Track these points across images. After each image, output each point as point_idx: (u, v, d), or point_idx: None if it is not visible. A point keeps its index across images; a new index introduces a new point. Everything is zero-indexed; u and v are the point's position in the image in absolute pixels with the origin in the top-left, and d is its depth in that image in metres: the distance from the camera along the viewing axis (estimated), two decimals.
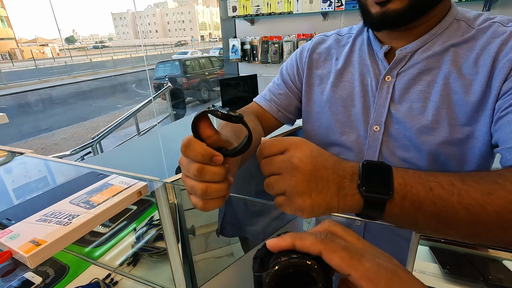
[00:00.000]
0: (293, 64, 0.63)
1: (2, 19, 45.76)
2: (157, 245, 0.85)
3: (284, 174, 0.32)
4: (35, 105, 9.77)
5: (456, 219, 0.32)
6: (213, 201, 0.33)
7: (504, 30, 0.43)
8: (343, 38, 0.59)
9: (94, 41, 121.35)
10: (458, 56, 0.45)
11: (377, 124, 0.51)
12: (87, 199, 0.49)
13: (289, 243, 0.24)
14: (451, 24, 0.47)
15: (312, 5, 2.09)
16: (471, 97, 0.44)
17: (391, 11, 0.44)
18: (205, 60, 9.29)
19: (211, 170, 0.31)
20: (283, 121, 0.65)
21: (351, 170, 0.33)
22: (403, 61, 0.49)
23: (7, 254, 0.38)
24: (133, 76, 15.18)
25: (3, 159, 0.81)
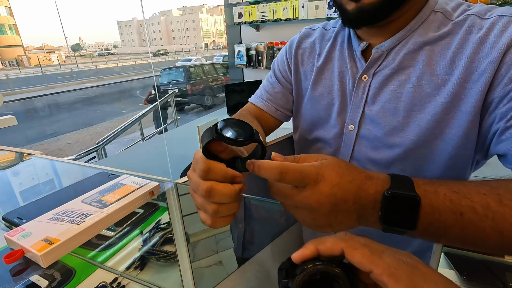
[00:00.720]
0: (283, 60, 0.62)
1: (10, 27, 46.69)
2: (165, 249, 0.84)
3: (302, 210, 0.31)
4: (41, 110, 9.88)
5: (487, 242, 0.30)
6: (224, 219, 0.32)
7: (481, 25, 0.40)
8: (327, 33, 0.57)
9: (99, 48, 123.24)
10: (433, 54, 0.43)
11: (352, 123, 0.50)
12: (99, 199, 0.48)
13: (312, 250, 0.24)
14: (428, 17, 0.44)
15: (317, 11, 2.10)
16: (441, 98, 0.41)
17: (367, 5, 0.41)
18: (208, 66, 9.38)
19: (222, 191, 0.30)
20: (282, 120, 0.64)
21: (374, 198, 0.30)
22: (379, 60, 0.47)
23: (19, 252, 0.37)
24: (139, 82, 15.34)
25: (13, 161, 0.81)
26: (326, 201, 0.30)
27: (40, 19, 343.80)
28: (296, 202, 0.30)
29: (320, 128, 0.56)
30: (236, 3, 2.41)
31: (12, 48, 46.73)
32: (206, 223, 0.33)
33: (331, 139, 0.54)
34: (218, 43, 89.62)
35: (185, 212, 0.65)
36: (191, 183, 0.33)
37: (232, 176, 0.30)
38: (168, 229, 0.90)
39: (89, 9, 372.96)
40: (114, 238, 0.89)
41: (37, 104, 10.76)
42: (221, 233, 0.88)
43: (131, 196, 0.49)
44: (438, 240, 0.32)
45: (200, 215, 0.33)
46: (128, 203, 0.47)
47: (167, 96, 3.87)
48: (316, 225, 0.31)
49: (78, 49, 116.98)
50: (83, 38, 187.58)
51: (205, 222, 0.33)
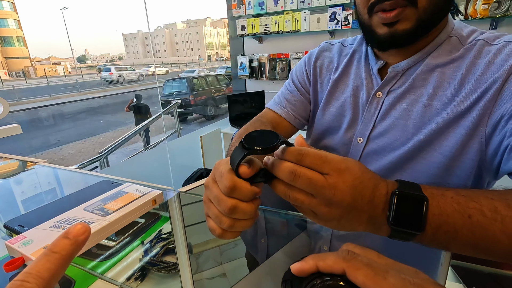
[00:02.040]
0: (302, 71, 0.64)
1: (18, 39, 47.86)
2: (166, 260, 0.83)
3: (319, 199, 0.30)
4: (46, 120, 9.98)
5: (498, 247, 0.30)
6: (233, 234, 0.32)
7: (489, 50, 0.43)
8: (345, 49, 0.61)
9: (105, 59, 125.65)
10: (445, 76, 0.45)
11: (361, 136, 0.52)
12: (101, 206, 0.48)
13: (312, 266, 0.24)
14: (443, 42, 0.47)
15: (319, 24, 2.14)
16: (445, 114, 0.43)
17: (400, 31, 0.44)
18: (211, 78, 9.50)
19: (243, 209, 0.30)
20: (298, 127, 0.66)
21: (385, 198, 0.31)
22: (394, 79, 0.50)
23: (19, 260, 0.37)
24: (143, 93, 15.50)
25: (17, 169, 0.81)
26: (348, 193, 0.29)
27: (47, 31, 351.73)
28: (318, 188, 0.29)
29: (329, 137, 0.58)
30: (240, 16, 2.46)
31: (20, 59, 47.74)
32: (214, 233, 0.33)
33: (338, 148, 0.56)
34: (221, 55, 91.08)
35: (187, 222, 0.64)
36: (210, 194, 0.32)
37: (255, 194, 0.30)
38: (169, 239, 0.89)
39: (96, 22, 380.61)
40: (115, 248, 0.88)
41: (42, 114, 10.88)
42: (224, 244, 0.86)
43: (133, 204, 0.48)
44: (448, 246, 0.32)
45: (209, 224, 0.33)
46: (131, 211, 0.46)
47: (170, 106, 3.90)
48: (326, 218, 0.30)
49: (84, 61, 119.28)
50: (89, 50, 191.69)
51: (213, 231, 0.33)
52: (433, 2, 0.42)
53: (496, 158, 0.41)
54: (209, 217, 0.33)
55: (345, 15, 2.01)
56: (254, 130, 0.33)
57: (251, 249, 0.83)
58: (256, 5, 2.32)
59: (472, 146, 0.42)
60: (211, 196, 0.32)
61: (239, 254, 0.87)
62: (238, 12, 2.43)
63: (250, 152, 0.28)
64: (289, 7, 2.21)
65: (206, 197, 0.33)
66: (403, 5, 0.42)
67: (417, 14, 0.42)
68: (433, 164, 0.45)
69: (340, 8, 2.01)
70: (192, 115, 8.75)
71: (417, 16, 0.42)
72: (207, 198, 0.33)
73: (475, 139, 0.42)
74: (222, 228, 0.32)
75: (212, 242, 0.83)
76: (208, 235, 0.81)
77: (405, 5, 0.42)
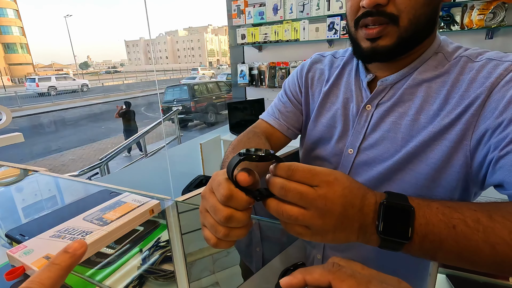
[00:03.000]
0: (294, 82, 0.66)
1: (22, 45, 48.39)
2: (164, 268, 0.83)
3: (312, 211, 0.30)
4: (47, 126, 10.03)
5: (481, 257, 0.31)
6: (227, 243, 0.33)
7: (472, 67, 0.45)
8: (336, 60, 0.62)
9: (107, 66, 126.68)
10: (431, 91, 0.47)
11: (351, 147, 0.54)
12: (100, 216, 0.49)
13: (300, 280, 0.25)
14: (430, 58, 0.49)
15: (318, 33, 2.17)
16: (431, 127, 0.45)
17: (381, 47, 0.46)
18: (212, 84, 9.56)
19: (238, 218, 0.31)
20: (291, 137, 0.67)
21: (374, 207, 0.32)
22: (383, 92, 0.51)
23: (20, 269, 0.38)
24: (143, 99, 15.60)
25: (18, 177, 0.83)
26: (339, 202, 0.31)
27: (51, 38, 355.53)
28: (310, 200, 0.30)
29: (321, 147, 0.59)
30: (240, 25, 2.50)
31: (22, 66, 48.18)
32: (209, 242, 0.33)
33: (330, 158, 0.57)
34: (222, 62, 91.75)
35: (185, 230, 0.65)
36: (207, 204, 0.33)
37: (249, 203, 0.31)
38: (167, 247, 0.89)
39: (99, 29, 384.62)
40: (113, 256, 0.88)
41: (43, 120, 10.94)
42: (218, 252, 0.87)
43: (131, 214, 0.49)
44: (435, 255, 0.33)
45: (205, 233, 0.34)
46: (128, 221, 0.48)
47: (171, 113, 3.93)
48: (322, 230, 0.31)
49: (86, 67, 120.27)
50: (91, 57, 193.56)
51: (208, 240, 0.34)
52: (415, 22, 0.44)
53: (481, 170, 0.42)
54: (205, 227, 0.34)
55: (343, 25, 2.04)
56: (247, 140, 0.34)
57: (245, 258, 0.83)
58: (256, 15, 2.36)
59: (457, 159, 0.43)
60: (207, 206, 0.33)
61: (233, 263, 0.87)
62: (238, 22, 2.47)
63: (246, 158, 0.30)
64: (288, 17, 2.24)
65: (203, 207, 0.34)
66: (385, 23, 0.44)
67: (399, 32, 0.44)
68: (420, 176, 0.46)
69: (338, 18, 2.04)
70: (192, 122, 8.78)
71: (398, 34, 0.45)
72: (204, 208, 0.34)
73: (460, 152, 0.43)
74: (217, 237, 0.32)
75: (206, 250, 0.84)
76: (203, 244, 0.82)
77: (387, 22, 0.44)
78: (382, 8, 0.44)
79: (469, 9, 1.71)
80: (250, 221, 0.33)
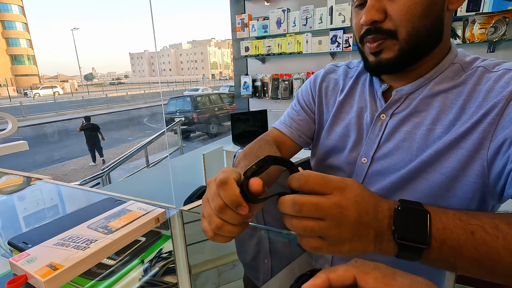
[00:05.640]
0: (308, 92, 0.67)
1: (29, 57, 49.40)
2: (166, 280, 0.81)
3: (329, 221, 0.30)
4: (51, 136, 10.10)
5: (501, 265, 0.30)
6: (223, 238, 0.34)
7: (489, 77, 0.44)
8: (350, 71, 0.63)
9: (111, 78, 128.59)
10: (447, 101, 0.47)
11: (365, 156, 0.53)
12: (105, 224, 0.48)
13: (324, 280, 0.24)
14: (447, 68, 0.49)
15: (321, 46, 2.20)
16: (447, 136, 0.44)
17: (384, 60, 0.47)
18: (215, 96, 9.65)
19: (231, 214, 0.32)
20: (303, 146, 0.67)
21: (389, 213, 0.32)
22: (398, 102, 0.51)
23: (22, 278, 0.37)
24: (147, 110, 15.75)
25: (21, 185, 0.82)
26: (353, 208, 0.30)
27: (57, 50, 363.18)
28: (325, 209, 0.30)
29: (334, 156, 0.59)
30: (244, 38, 2.54)
31: (28, 77, 49.02)
32: (206, 234, 0.34)
33: (344, 167, 0.57)
34: (224, 74, 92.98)
35: (189, 241, 0.63)
36: (208, 191, 0.34)
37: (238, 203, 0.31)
38: (169, 258, 0.87)
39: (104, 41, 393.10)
40: (114, 267, 0.87)
41: (47, 130, 11.02)
42: (223, 265, 0.85)
43: (136, 222, 0.49)
44: (455, 264, 0.31)
45: (203, 224, 0.35)
46: (134, 229, 0.47)
47: (174, 123, 3.95)
48: (339, 239, 0.31)
49: (91, 78, 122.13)
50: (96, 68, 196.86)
51: (205, 232, 0.35)
52: (414, 34, 0.44)
53: (500, 181, 0.41)
54: (204, 217, 0.35)
55: (346, 38, 2.07)
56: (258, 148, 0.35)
57: (250, 272, 0.81)
58: (260, 28, 2.41)
59: (473, 168, 0.42)
60: (209, 194, 0.34)
61: (238, 276, 0.85)
62: (242, 34, 2.51)
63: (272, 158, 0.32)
64: (291, 30, 2.28)
65: (205, 196, 0.35)
66: (383, 38, 0.46)
67: (399, 45, 0.45)
68: (434, 185, 0.45)
69: (341, 31, 2.08)
70: (195, 133, 8.82)
71: (399, 46, 0.45)
72: (205, 197, 0.35)
73: (476, 161, 0.42)
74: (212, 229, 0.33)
75: (211, 262, 0.82)
76: (208, 255, 0.80)
77: (384, 38, 0.46)
78: (379, 24, 0.45)
79: (470, 23, 1.74)
80: (246, 222, 0.34)
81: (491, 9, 1.64)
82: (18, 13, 45.92)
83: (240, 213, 0.32)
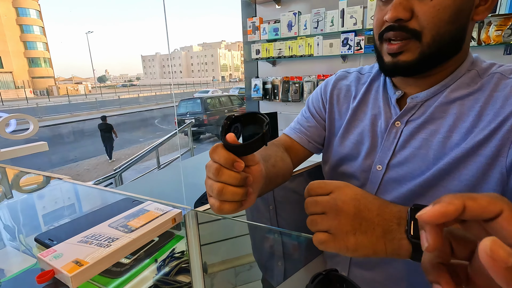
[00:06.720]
0: (318, 98, 0.66)
1: (45, 60, 50.99)
2: (179, 279, 0.83)
3: (328, 213, 0.35)
4: (67, 137, 10.37)
5: None
6: (229, 204, 0.35)
7: (506, 83, 0.44)
8: (363, 77, 0.62)
9: (123, 80, 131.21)
10: (464, 108, 0.46)
11: (380, 164, 0.53)
12: (125, 223, 0.50)
13: (458, 206, 0.20)
14: (463, 75, 0.48)
15: (332, 48, 2.20)
16: (465, 144, 0.44)
17: (402, 62, 0.46)
18: (225, 98, 9.72)
19: (228, 172, 0.33)
20: (313, 151, 0.67)
21: (398, 214, 0.33)
22: (413, 110, 0.51)
23: (50, 273, 0.39)
24: (158, 112, 15.99)
25: (41, 184, 0.86)
26: (351, 203, 0.34)
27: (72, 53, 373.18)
28: (325, 204, 0.35)
29: (348, 164, 0.59)
30: (255, 41, 2.56)
31: (44, 79, 50.55)
32: (214, 207, 0.35)
33: (358, 175, 0.57)
34: (234, 76, 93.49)
35: (203, 241, 0.65)
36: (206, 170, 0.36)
37: (233, 160, 0.33)
38: (182, 258, 0.89)
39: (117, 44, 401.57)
40: (128, 266, 0.89)
41: (62, 130, 11.32)
42: (239, 266, 0.86)
43: (155, 222, 0.50)
44: None
45: (209, 201, 0.36)
46: (152, 229, 0.49)
47: (185, 125, 4.01)
48: (341, 230, 0.34)
49: (104, 80, 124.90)
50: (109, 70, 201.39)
51: (213, 205, 0.36)
52: (438, 39, 0.43)
53: None
54: (209, 195, 0.36)
55: (358, 41, 2.06)
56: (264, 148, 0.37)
57: (266, 273, 0.82)
58: (271, 31, 2.42)
59: (492, 176, 0.42)
60: (207, 171, 0.36)
61: (255, 277, 0.86)
62: (253, 37, 2.53)
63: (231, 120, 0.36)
64: (302, 33, 2.29)
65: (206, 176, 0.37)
66: (407, 38, 0.44)
67: (421, 47, 0.44)
68: (453, 193, 0.44)
69: (352, 34, 2.07)
70: (204, 134, 8.90)
71: (420, 49, 0.44)
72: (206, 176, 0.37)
73: (495, 168, 0.42)
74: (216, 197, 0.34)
75: (228, 262, 0.83)
76: (223, 256, 0.82)
77: (409, 38, 0.44)
78: (405, 23, 0.44)
79: (486, 25, 1.71)
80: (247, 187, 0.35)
81: (507, 11, 1.61)
82: (35, 17, 47.51)
83: (237, 169, 0.33)
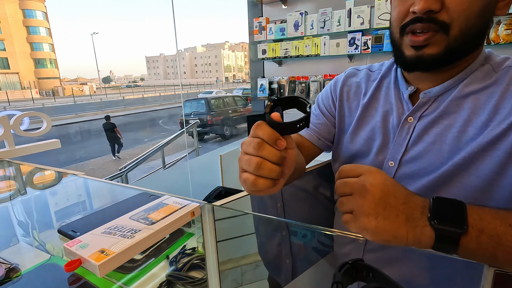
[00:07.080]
0: (328, 96, 0.66)
1: (51, 61, 51.54)
2: (192, 275, 0.84)
3: (355, 194, 0.35)
4: (74, 136, 10.47)
5: None
6: (264, 180, 0.35)
7: None
8: (373, 74, 0.62)
9: (128, 80, 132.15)
10: (479, 102, 0.45)
11: (392, 160, 0.52)
12: (145, 216, 0.51)
13: None
14: (477, 70, 0.47)
15: (338, 48, 2.20)
16: (481, 138, 0.43)
17: (427, 56, 0.45)
18: (229, 98, 9.74)
19: (269, 148, 0.34)
20: (323, 149, 0.68)
21: (422, 204, 0.34)
22: (426, 105, 0.50)
23: (77, 262, 0.40)
24: (162, 112, 16.07)
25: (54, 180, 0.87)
26: (379, 186, 0.34)
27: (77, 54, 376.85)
28: (353, 185, 0.36)
29: (359, 160, 0.59)
30: (261, 41, 2.57)
31: (50, 79, 51.07)
32: (248, 181, 0.35)
33: None
34: (238, 77, 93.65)
35: (219, 238, 0.65)
36: (243, 147, 0.37)
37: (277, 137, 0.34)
38: (193, 255, 0.90)
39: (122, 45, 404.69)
40: (141, 262, 0.90)
41: (68, 130, 11.43)
42: (245, 265, 0.86)
43: (174, 215, 0.51)
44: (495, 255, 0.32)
45: (243, 176, 0.36)
46: (173, 221, 0.49)
47: (190, 125, 4.03)
48: (363, 212, 0.34)
49: (109, 81, 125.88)
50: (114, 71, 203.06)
51: (247, 179, 0.36)
52: (465, 32, 0.43)
53: None
54: (243, 170, 0.37)
55: (365, 40, 2.06)
56: None
57: (273, 271, 0.83)
58: (277, 31, 2.43)
59: (511, 170, 0.42)
60: (244, 147, 0.36)
61: (261, 276, 0.86)
62: (260, 37, 2.55)
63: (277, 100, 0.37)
64: (309, 33, 2.29)
65: (241, 153, 0.37)
66: (435, 30, 0.43)
67: (447, 41, 0.43)
68: (469, 188, 0.44)
69: (359, 34, 2.07)
70: (209, 135, 8.93)
71: (446, 43, 0.43)
72: (242, 153, 0.37)
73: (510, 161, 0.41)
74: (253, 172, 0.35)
75: (235, 261, 0.83)
76: (233, 254, 0.82)
77: (436, 30, 0.43)
78: (434, 14, 0.42)
79: (495, 24, 1.70)
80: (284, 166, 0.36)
81: None
82: (42, 18, 48.06)
83: (279, 147, 0.34)
